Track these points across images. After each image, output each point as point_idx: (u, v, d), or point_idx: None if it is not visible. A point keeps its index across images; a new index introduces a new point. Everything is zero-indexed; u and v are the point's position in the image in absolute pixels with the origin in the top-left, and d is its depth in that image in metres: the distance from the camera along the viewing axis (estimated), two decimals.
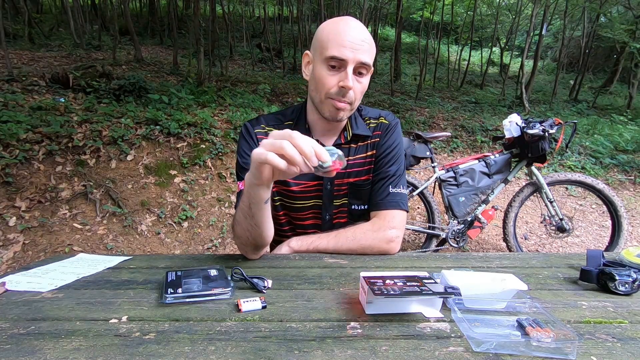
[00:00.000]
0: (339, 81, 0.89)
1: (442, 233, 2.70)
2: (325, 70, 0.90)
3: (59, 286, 0.77)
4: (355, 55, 0.87)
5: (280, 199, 1.05)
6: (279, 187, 1.04)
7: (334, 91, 0.90)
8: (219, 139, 3.86)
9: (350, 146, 1.04)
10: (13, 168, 2.87)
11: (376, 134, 1.05)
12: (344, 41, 0.87)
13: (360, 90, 0.93)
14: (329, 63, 0.89)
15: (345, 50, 0.86)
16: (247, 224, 0.84)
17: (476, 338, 0.56)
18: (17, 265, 2.41)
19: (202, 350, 0.55)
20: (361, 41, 0.88)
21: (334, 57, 0.87)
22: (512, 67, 10.46)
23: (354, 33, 0.88)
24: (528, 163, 2.60)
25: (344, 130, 1.03)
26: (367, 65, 0.90)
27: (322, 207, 1.03)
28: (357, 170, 1.03)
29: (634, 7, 7.19)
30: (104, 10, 8.71)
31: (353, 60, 0.87)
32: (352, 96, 0.91)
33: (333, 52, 0.87)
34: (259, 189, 0.76)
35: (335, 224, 1.05)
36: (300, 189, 1.02)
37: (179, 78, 5.78)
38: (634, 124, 6.12)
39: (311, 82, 0.95)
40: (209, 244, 2.97)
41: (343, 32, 0.88)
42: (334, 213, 1.05)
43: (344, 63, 0.88)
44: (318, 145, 0.65)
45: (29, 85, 4.17)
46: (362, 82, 0.92)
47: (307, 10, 9.07)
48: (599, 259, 0.83)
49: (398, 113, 5.67)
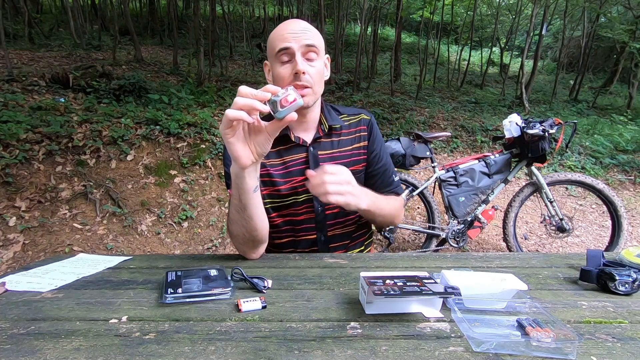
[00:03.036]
0: (292, 70, 0.94)
1: (442, 233, 2.70)
2: (279, 65, 0.96)
3: (59, 286, 0.77)
4: (298, 42, 0.94)
5: (271, 201, 1.06)
6: (269, 189, 1.05)
7: (290, 80, 0.95)
8: (219, 139, 3.86)
9: (333, 140, 1.08)
10: (13, 168, 2.87)
11: (362, 129, 1.11)
12: (285, 34, 0.94)
13: (316, 73, 0.97)
14: (280, 59, 0.95)
15: (288, 40, 0.94)
16: (240, 219, 0.86)
17: (476, 338, 0.56)
18: (17, 265, 2.41)
19: (202, 350, 0.55)
20: (302, 30, 0.95)
21: (281, 49, 0.94)
22: (512, 67, 10.46)
23: (292, 25, 0.96)
24: (528, 163, 2.60)
25: (320, 124, 1.08)
26: (313, 47, 0.95)
27: (314, 199, 1.05)
28: (346, 162, 1.06)
29: (634, 7, 7.19)
30: (104, 10, 8.71)
31: (298, 46, 0.94)
32: (309, 79, 0.95)
33: (279, 45, 0.94)
34: (244, 175, 0.78)
35: (328, 214, 1.07)
36: (290, 186, 1.05)
37: (179, 78, 5.78)
38: (634, 124, 6.12)
39: (274, 83, 0.99)
40: (209, 244, 2.97)
41: (282, 27, 0.96)
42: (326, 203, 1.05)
43: (291, 51, 0.94)
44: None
45: (29, 85, 4.17)
46: (314, 65, 0.96)
47: (307, 10, 9.07)
48: (599, 259, 0.83)
49: (398, 113, 5.67)
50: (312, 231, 1.07)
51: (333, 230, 1.08)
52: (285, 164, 1.04)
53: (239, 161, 0.75)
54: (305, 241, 1.08)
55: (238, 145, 0.74)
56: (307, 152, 1.04)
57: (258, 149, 0.76)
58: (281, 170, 1.04)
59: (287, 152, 1.05)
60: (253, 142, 0.76)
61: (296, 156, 1.04)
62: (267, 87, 0.70)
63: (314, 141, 1.05)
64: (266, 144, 0.76)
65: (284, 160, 1.05)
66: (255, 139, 0.76)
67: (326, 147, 1.06)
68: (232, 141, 0.73)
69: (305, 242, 1.08)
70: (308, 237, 1.08)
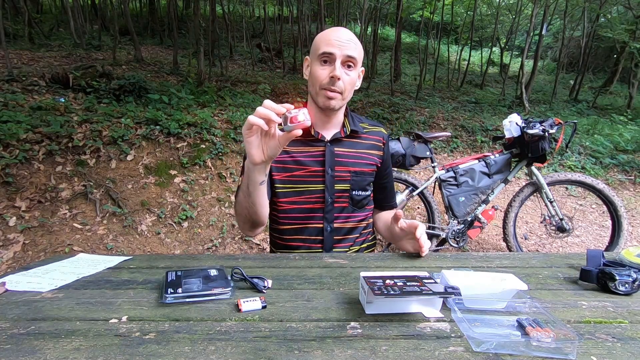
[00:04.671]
0: (329, 73, 1.04)
1: (442, 233, 2.70)
2: (318, 66, 1.07)
3: (59, 286, 0.77)
4: (342, 50, 1.04)
5: (282, 187, 1.15)
6: (282, 174, 1.15)
7: (325, 82, 1.05)
8: (219, 139, 3.86)
9: (351, 141, 1.18)
10: (13, 168, 2.87)
11: (379, 139, 1.22)
12: (332, 40, 1.05)
13: (349, 82, 1.08)
14: (321, 59, 1.06)
15: (333, 47, 1.04)
16: (245, 202, 1.00)
17: (476, 338, 0.56)
18: (17, 265, 2.41)
19: (202, 350, 0.55)
20: (347, 40, 1.05)
21: (324, 53, 1.05)
22: (512, 67, 10.46)
23: (340, 34, 1.06)
24: (528, 163, 2.60)
25: (343, 126, 1.18)
26: (353, 58, 1.06)
27: (325, 191, 1.14)
28: (359, 162, 1.17)
29: (634, 7, 7.18)
30: (104, 10, 8.71)
31: (340, 54, 1.04)
32: (342, 86, 1.06)
33: (323, 48, 1.05)
34: (254, 169, 0.90)
35: (337, 207, 1.16)
36: (303, 174, 1.14)
37: (179, 78, 5.78)
38: (634, 124, 6.11)
39: (309, 79, 1.12)
40: (209, 244, 2.97)
41: (331, 34, 1.07)
42: (336, 197, 1.16)
43: (333, 57, 1.04)
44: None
45: (29, 85, 4.17)
46: (350, 74, 1.07)
47: (307, 10, 9.06)
48: (599, 259, 0.83)
49: (398, 113, 5.67)
50: (320, 220, 1.16)
51: (339, 222, 1.17)
52: (303, 153, 1.15)
53: (251, 157, 0.86)
54: (312, 229, 1.16)
55: (253, 144, 0.85)
56: (325, 146, 1.14)
57: (269, 152, 0.86)
58: (299, 157, 1.14)
59: (306, 143, 1.14)
60: (266, 145, 0.86)
61: (314, 149, 1.14)
62: (286, 105, 0.81)
63: (333, 139, 1.15)
64: (276, 150, 0.86)
65: (303, 150, 1.15)
66: (268, 143, 0.86)
67: (343, 146, 1.16)
68: (249, 140, 0.84)
69: (312, 230, 1.16)
70: (315, 226, 1.16)
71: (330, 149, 1.14)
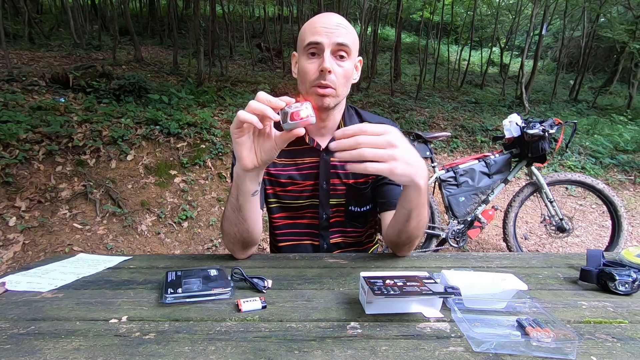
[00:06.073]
0: (318, 66, 0.89)
1: (442, 233, 2.70)
2: (305, 59, 0.91)
3: (59, 286, 0.77)
4: (330, 38, 0.88)
5: (276, 200, 1.04)
6: (275, 188, 1.03)
7: (315, 77, 0.89)
8: (219, 139, 3.86)
9: None
10: (13, 168, 2.87)
11: None
12: (318, 27, 0.89)
13: (343, 74, 0.91)
14: (308, 51, 0.90)
15: (320, 35, 0.88)
16: (235, 218, 0.85)
17: (476, 338, 0.56)
18: (17, 265, 2.41)
19: (202, 350, 0.55)
20: (335, 25, 0.89)
21: (310, 43, 0.89)
22: (512, 67, 10.45)
23: (327, 19, 0.90)
24: (528, 163, 2.60)
25: (339, 127, 1.01)
26: (344, 46, 0.89)
27: (319, 206, 1.02)
28: (355, 173, 1.01)
29: (634, 7, 7.18)
30: (104, 10, 8.70)
31: (329, 43, 0.88)
32: (334, 79, 0.90)
33: (309, 38, 0.89)
34: (245, 177, 0.78)
35: (332, 222, 1.03)
36: (296, 189, 1.02)
37: (179, 78, 5.77)
38: (634, 124, 6.11)
39: (298, 77, 0.96)
40: (209, 244, 2.97)
41: (317, 21, 0.91)
42: (332, 212, 1.03)
43: (321, 47, 0.88)
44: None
45: (29, 85, 4.16)
46: (343, 65, 0.91)
47: (307, 10, 9.05)
48: (599, 259, 0.83)
49: (398, 113, 5.67)
50: (315, 237, 1.05)
51: (337, 238, 1.05)
52: (296, 166, 1.01)
53: (241, 162, 0.75)
54: (307, 246, 1.07)
55: (244, 147, 0.73)
56: (319, 156, 1.00)
57: (263, 155, 0.75)
58: (290, 171, 1.02)
59: (299, 153, 1.01)
60: (260, 147, 0.75)
61: (308, 159, 1.01)
62: (284, 98, 0.69)
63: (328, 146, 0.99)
64: (272, 153, 0.74)
65: (295, 162, 1.01)
66: (262, 145, 0.74)
67: None
68: (239, 142, 0.73)
69: (307, 247, 1.07)
70: (310, 243, 1.06)
71: (325, 159, 0.99)
